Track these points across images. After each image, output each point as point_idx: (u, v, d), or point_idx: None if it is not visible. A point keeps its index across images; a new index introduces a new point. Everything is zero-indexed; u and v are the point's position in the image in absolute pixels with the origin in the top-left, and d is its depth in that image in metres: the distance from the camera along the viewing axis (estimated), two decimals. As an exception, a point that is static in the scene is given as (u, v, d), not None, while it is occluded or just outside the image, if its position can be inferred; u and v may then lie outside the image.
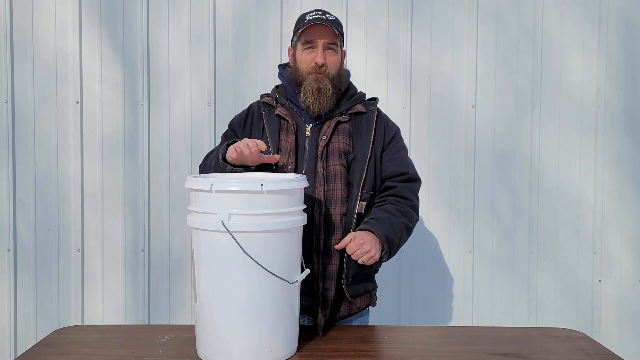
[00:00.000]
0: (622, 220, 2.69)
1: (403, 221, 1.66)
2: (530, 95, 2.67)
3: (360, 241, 1.52)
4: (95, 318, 2.66)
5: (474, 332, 1.65)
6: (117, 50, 2.63)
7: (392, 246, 1.62)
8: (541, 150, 2.67)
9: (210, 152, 1.79)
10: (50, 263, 2.64)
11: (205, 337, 1.35)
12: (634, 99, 2.67)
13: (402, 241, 1.67)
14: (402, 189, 1.71)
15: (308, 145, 1.69)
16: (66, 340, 1.52)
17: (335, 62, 1.71)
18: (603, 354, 1.45)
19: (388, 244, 1.59)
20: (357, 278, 1.67)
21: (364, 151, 1.68)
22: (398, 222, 1.64)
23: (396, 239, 1.62)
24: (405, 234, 1.68)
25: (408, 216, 1.69)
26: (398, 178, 1.73)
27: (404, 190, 1.72)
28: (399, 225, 1.64)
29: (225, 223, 1.27)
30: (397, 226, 1.63)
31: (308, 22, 1.67)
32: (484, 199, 2.67)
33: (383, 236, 1.58)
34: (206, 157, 1.79)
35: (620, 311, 2.71)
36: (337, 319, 1.69)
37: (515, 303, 2.70)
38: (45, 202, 2.63)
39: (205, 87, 2.64)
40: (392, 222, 1.63)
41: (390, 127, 1.79)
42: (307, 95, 1.67)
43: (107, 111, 2.64)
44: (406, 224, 1.67)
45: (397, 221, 1.64)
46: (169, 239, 2.66)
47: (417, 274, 2.69)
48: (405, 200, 1.71)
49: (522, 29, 2.66)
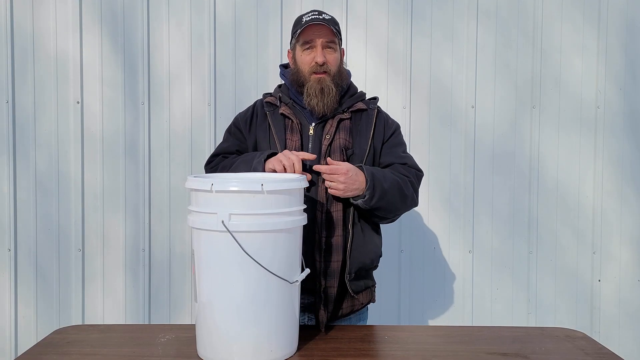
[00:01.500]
0: (622, 220, 2.70)
1: (397, 179, 1.65)
2: (530, 95, 2.67)
3: (344, 170, 1.54)
4: (95, 318, 2.67)
5: (473, 331, 1.64)
6: (118, 51, 2.63)
7: (378, 188, 1.58)
8: (541, 150, 2.67)
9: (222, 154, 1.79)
10: (51, 263, 2.65)
11: (205, 337, 1.36)
12: (633, 99, 2.68)
13: (390, 194, 1.62)
14: (398, 167, 1.72)
15: (312, 143, 1.70)
16: (66, 340, 1.52)
17: (335, 60, 1.72)
18: (602, 353, 1.45)
19: (373, 182, 1.57)
20: (358, 274, 1.69)
21: (362, 147, 1.69)
22: (391, 177, 1.64)
23: (385, 185, 1.60)
24: (396, 193, 1.63)
25: (403, 181, 1.67)
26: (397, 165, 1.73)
27: (399, 167, 1.72)
28: (391, 179, 1.63)
29: (226, 223, 1.28)
30: (389, 178, 1.62)
31: (305, 23, 1.69)
32: (484, 199, 2.68)
33: (370, 173, 1.58)
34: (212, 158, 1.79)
35: (619, 311, 2.71)
36: (339, 316, 1.70)
37: (514, 303, 2.70)
38: (45, 202, 2.64)
39: (205, 87, 2.64)
40: (384, 173, 1.64)
41: (390, 124, 1.80)
42: (311, 97, 1.68)
43: (108, 111, 2.64)
44: (399, 185, 1.65)
45: (390, 176, 1.64)
46: (169, 238, 2.66)
47: (417, 274, 2.69)
48: (400, 174, 1.70)
49: (522, 29, 2.66)
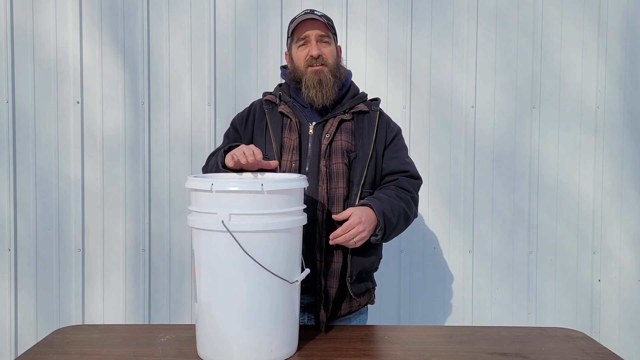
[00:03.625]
0: (622, 220, 2.70)
1: (403, 206, 1.65)
2: (530, 95, 2.67)
3: (357, 220, 1.52)
4: (95, 318, 2.67)
5: (473, 331, 1.64)
6: (118, 50, 2.63)
7: (389, 226, 1.60)
8: (541, 150, 2.67)
9: (212, 154, 1.80)
10: (51, 263, 2.65)
11: (205, 337, 1.36)
12: (633, 99, 2.68)
13: (398, 225, 1.65)
14: (403, 181, 1.72)
15: (311, 143, 1.69)
16: (66, 340, 1.52)
17: (330, 52, 1.73)
18: (602, 353, 1.45)
19: (384, 222, 1.58)
20: (359, 277, 1.69)
21: (365, 150, 1.69)
22: (398, 205, 1.64)
23: (394, 220, 1.61)
24: (402, 221, 1.66)
25: (408, 204, 1.68)
26: (399, 174, 1.73)
27: (404, 182, 1.72)
28: (398, 209, 1.63)
29: (226, 223, 1.28)
30: (396, 208, 1.62)
31: (297, 20, 1.72)
32: (484, 199, 2.68)
33: (381, 213, 1.57)
34: (208, 158, 1.79)
35: (619, 311, 2.71)
36: (338, 316, 1.70)
37: (515, 303, 2.70)
38: (45, 202, 2.64)
39: (205, 87, 2.64)
40: (391, 204, 1.62)
41: (391, 127, 1.80)
42: (309, 89, 1.68)
43: (108, 111, 2.64)
44: (405, 211, 1.66)
45: (397, 204, 1.64)
46: (169, 238, 2.66)
47: (417, 274, 2.69)
48: (405, 191, 1.70)
49: (522, 29, 2.66)
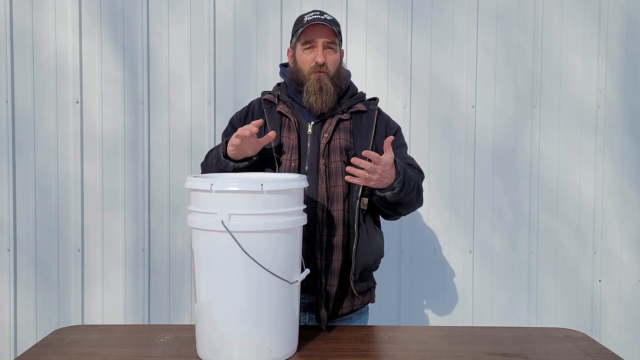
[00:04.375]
0: (623, 220, 2.69)
1: (417, 179, 1.69)
2: (530, 95, 2.67)
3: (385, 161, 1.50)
4: (95, 318, 2.66)
5: (474, 332, 1.64)
6: (117, 50, 2.63)
7: (407, 184, 1.59)
8: (541, 150, 2.67)
9: (210, 151, 1.80)
10: (50, 263, 2.64)
11: (205, 337, 1.36)
12: (634, 99, 2.67)
13: (412, 193, 1.64)
14: (409, 169, 1.73)
15: (310, 142, 1.70)
16: (66, 340, 1.52)
17: (334, 61, 1.73)
18: (603, 354, 1.44)
19: (404, 176, 1.58)
20: (362, 275, 1.69)
21: (364, 147, 1.69)
22: (414, 175, 1.67)
23: (412, 183, 1.62)
24: (415, 192, 1.67)
25: (419, 182, 1.71)
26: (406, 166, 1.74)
27: (410, 169, 1.73)
28: (415, 178, 1.67)
29: (225, 223, 1.27)
30: (413, 177, 1.65)
31: (307, 23, 1.69)
32: (484, 199, 2.67)
33: (402, 168, 1.59)
34: (207, 155, 1.79)
35: (620, 311, 2.71)
36: (339, 315, 1.70)
37: (515, 303, 2.70)
38: (45, 202, 2.63)
39: (205, 87, 2.64)
40: (410, 171, 1.66)
41: (391, 125, 1.81)
42: (310, 95, 1.68)
43: (108, 111, 2.64)
44: (419, 185, 1.69)
45: (414, 175, 1.67)
46: (169, 238, 2.66)
47: (417, 274, 2.68)
48: (417, 172, 1.74)
49: (522, 29, 2.66)
